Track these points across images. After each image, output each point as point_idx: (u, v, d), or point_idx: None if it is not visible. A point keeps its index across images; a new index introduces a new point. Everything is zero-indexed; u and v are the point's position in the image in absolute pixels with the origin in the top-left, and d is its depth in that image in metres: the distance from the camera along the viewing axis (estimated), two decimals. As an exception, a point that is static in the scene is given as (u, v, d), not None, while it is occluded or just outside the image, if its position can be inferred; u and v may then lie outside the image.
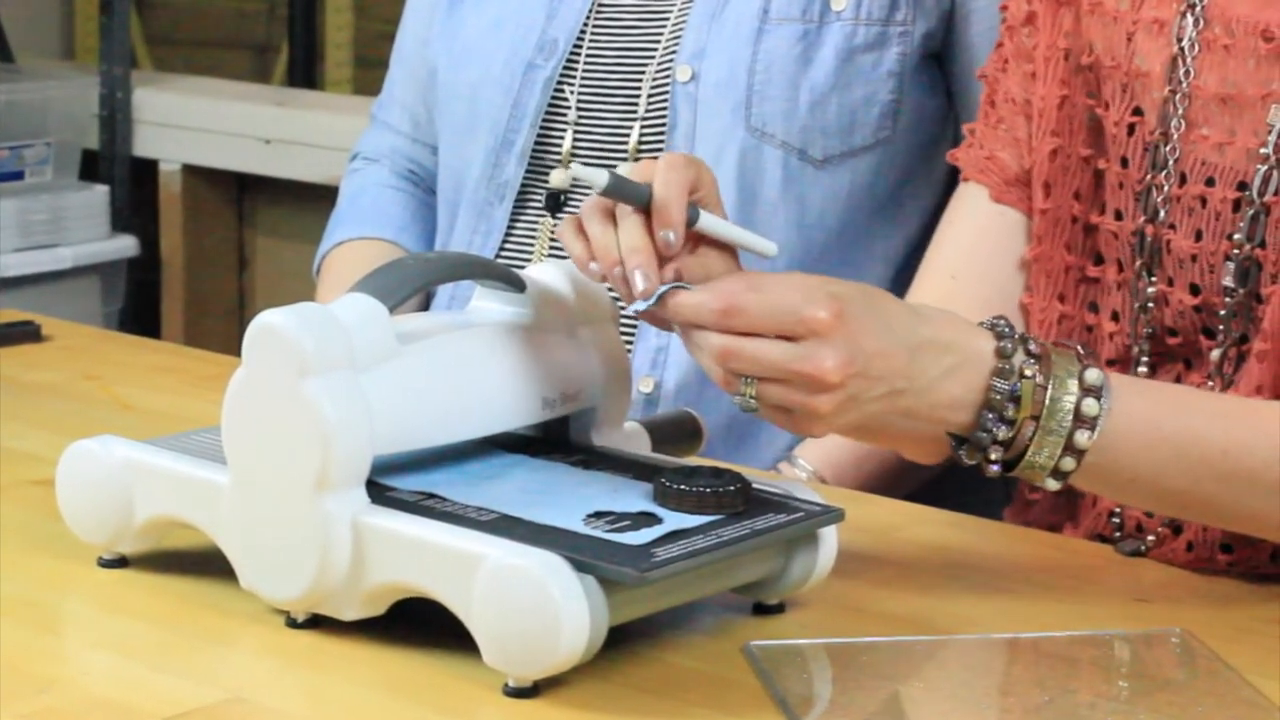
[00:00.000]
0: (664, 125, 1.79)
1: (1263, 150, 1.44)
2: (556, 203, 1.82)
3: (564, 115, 1.83)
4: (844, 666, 1.24)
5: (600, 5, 1.84)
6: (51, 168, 3.40)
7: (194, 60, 3.91)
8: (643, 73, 1.81)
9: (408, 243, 1.95)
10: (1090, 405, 1.31)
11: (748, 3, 1.78)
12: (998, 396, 1.30)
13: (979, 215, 1.60)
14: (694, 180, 1.32)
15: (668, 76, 1.80)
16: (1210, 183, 1.47)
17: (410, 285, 1.29)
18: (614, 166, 1.78)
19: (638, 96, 1.81)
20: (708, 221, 1.32)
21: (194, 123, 3.46)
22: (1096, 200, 1.55)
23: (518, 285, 1.34)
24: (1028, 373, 1.30)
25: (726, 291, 1.25)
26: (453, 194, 1.90)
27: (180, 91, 3.55)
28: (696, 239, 1.32)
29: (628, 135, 1.80)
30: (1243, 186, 1.45)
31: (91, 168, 3.48)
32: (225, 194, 3.55)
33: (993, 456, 1.32)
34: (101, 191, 3.42)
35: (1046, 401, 1.30)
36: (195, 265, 3.54)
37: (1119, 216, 1.53)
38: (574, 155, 1.82)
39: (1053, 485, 1.33)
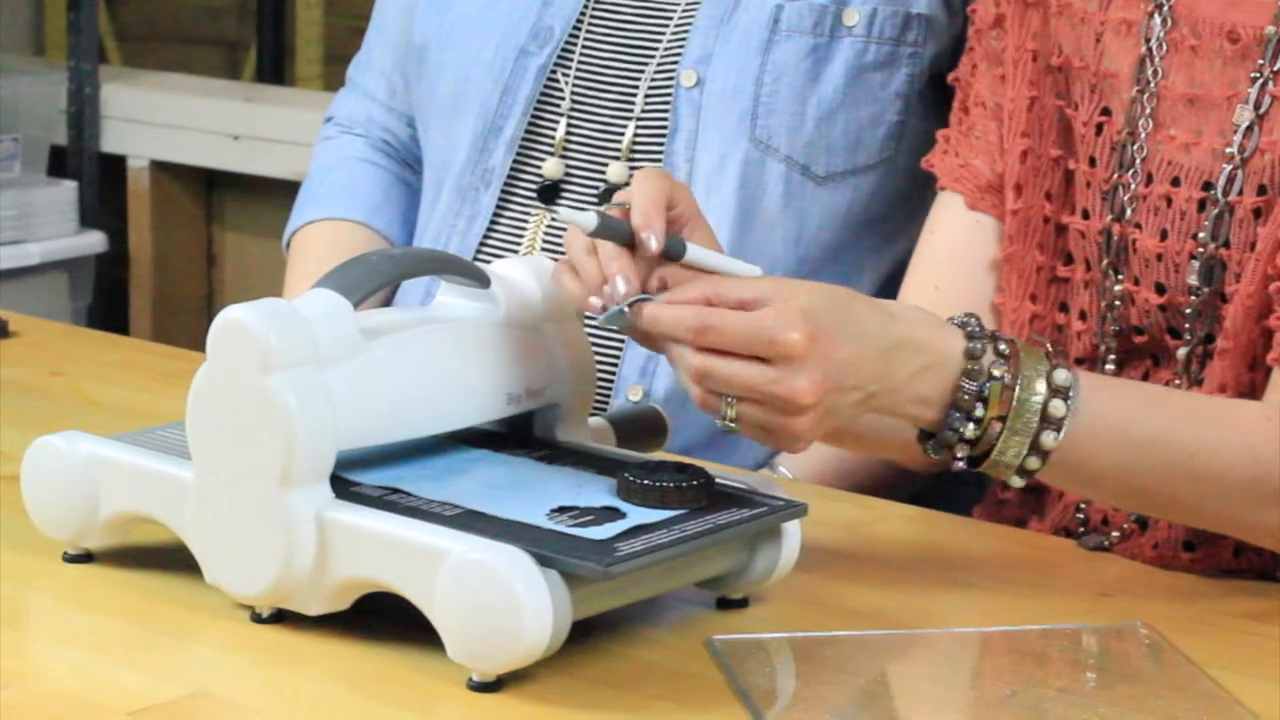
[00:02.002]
0: (662, 126, 1.76)
1: (1228, 150, 1.45)
2: (552, 192, 1.81)
3: (558, 105, 1.81)
4: (807, 661, 1.24)
5: None
6: (19, 163, 3.38)
7: (164, 56, 3.90)
8: (641, 71, 1.78)
9: (380, 224, 1.92)
10: (1057, 406, 1.31)
11: (758, 11, 1.75)
12: (965, 396, 1.30)
13: (957, 224, 1.61)
14: (669, 193, 1.32)
15: (668, 78, 1.77)
16: (1176, 182, 1.47)
17: (375, 281, 1.29)
18: (606, 163, 1.77)
19: (634, 94, 1.78)
20: (695, 253, 1.32)
21: (163, 119, 3.46)
22: (1068, 200, 1.55)
23: (483, 281, 1.34)
24: (996, 373, 1.30)
25: (702, 310, 1.25)
26: (439, 172, 1.86)
27: (149, 87, 3.54)
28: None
29: (622, 132, 1.78)
30: (1208, 186, 1.46)
31: (60, 164, 3.47)
32: (194, 190, 3.54)
33: (959, 454, 1.32)
34: (69, 187, 3.40)
35: (1014, 402, 1.31)
36: (163, 261, 3.53)
37: (1086, 215, 1.53)
38: (566, 145, 1.80)
39: (1018, 482, 1.34)
